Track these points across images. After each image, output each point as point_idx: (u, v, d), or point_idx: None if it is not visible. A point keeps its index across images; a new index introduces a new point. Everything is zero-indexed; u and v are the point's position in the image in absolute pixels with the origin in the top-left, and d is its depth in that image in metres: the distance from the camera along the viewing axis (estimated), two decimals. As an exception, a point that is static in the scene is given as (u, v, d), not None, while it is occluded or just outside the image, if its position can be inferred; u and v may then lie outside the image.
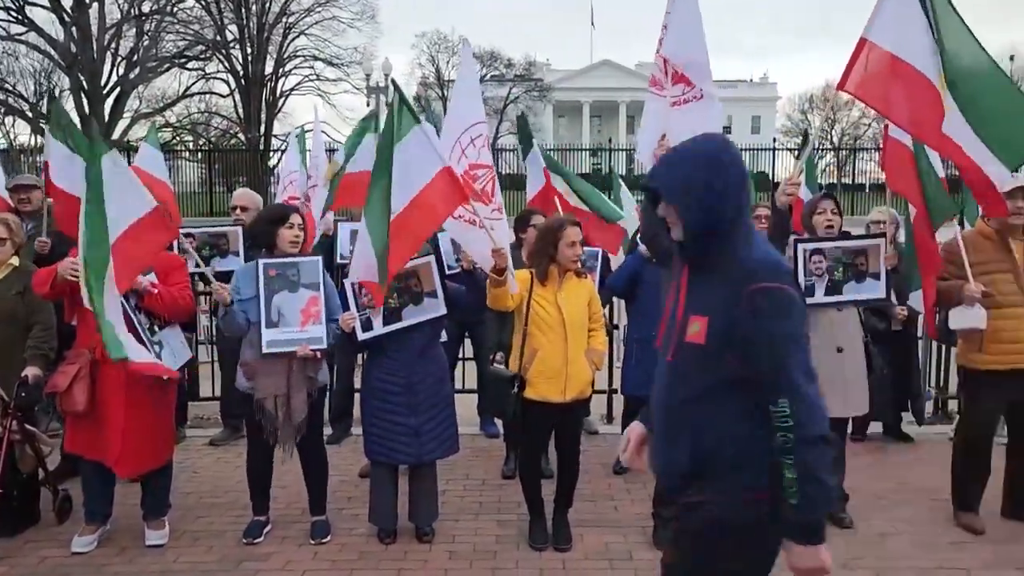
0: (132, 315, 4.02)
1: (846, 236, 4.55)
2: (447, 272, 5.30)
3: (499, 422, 5.75)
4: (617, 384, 5.97)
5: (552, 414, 4.12)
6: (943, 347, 6.52)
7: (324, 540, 4.31)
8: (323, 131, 7.68)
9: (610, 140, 35.43)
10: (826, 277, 4.35)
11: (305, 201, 5.97)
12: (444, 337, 5.61)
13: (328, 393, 5.11)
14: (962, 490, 4.57)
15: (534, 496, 4.31)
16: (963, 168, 3.97)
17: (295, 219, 4.20)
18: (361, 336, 4.12)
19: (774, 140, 33.66)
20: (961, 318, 4.30)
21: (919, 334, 6.28)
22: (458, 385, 6.39)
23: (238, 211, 5.89)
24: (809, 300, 4.32)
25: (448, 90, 39.31)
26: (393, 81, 4.28)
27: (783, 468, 2.05)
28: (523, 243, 5.02)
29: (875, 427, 6.14)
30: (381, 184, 3.91)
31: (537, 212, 5.30)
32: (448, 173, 3.93)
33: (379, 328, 4.14)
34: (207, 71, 36.11)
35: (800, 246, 4.36)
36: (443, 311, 4.24)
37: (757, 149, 33.39)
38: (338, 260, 5.69)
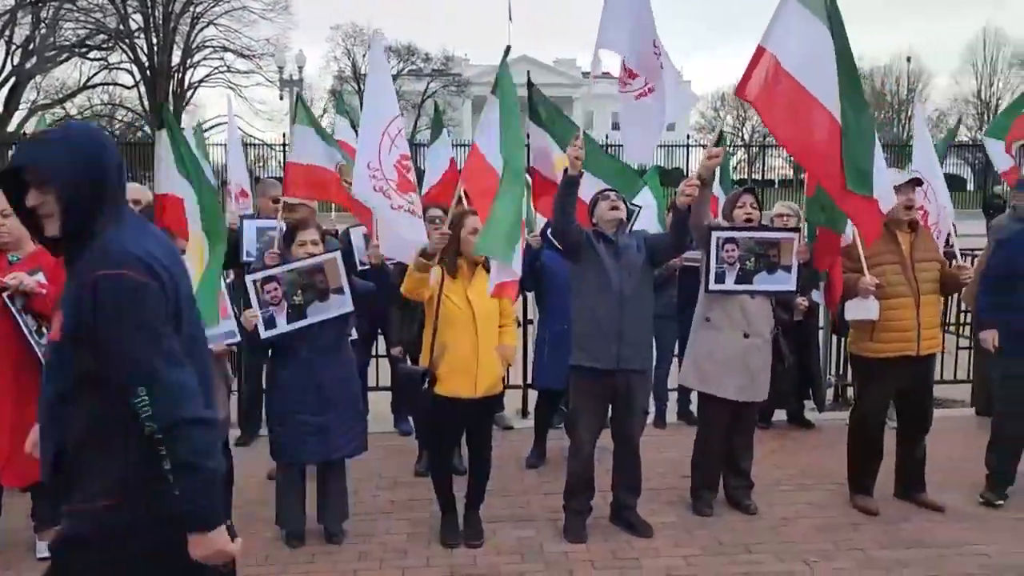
0: (19, 317, 3.81)
1: (762, 228, 4.67)
2: (358, 268, 5.23)
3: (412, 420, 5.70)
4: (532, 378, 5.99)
5: (463, 410, 4.11)
6: (842, 337, 6.78)
7: (229, 545, 4.19)
8: (237, 126, 7.55)
9: (528, 136, 35.60)
10: (737, 266, 4.46)
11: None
12: (355, 335, 5.57)
13: (235, 394, 4.98)
14: (857, 473, 4.76)
15: (445, 493, 4.29)
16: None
17: None
18: (264, 334, 4.01)
19: (688, 136, 34.43)
20: (856, 309, 4.47)
21: (820, 324, 6.51)
22: (371, 383, 6.35)
23: (130, 204, 5.68)
24: (718, 287, 4.44)
25: (364, 84, 38.76)
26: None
27: (160, 459, 1.93)
28: None
29: (780, 415, 6.33)
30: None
31: (438, 206, 5.28)
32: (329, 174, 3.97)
33: (283, 326, 4.04)
34: (110, 61, 34.71)
35: (714, 234, 4.45)
36: (350, 308, 4.17)
37: (672, 145, 34.10)
38: (244, 258, 5.53)
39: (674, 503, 4.77)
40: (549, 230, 4.72)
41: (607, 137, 32.85)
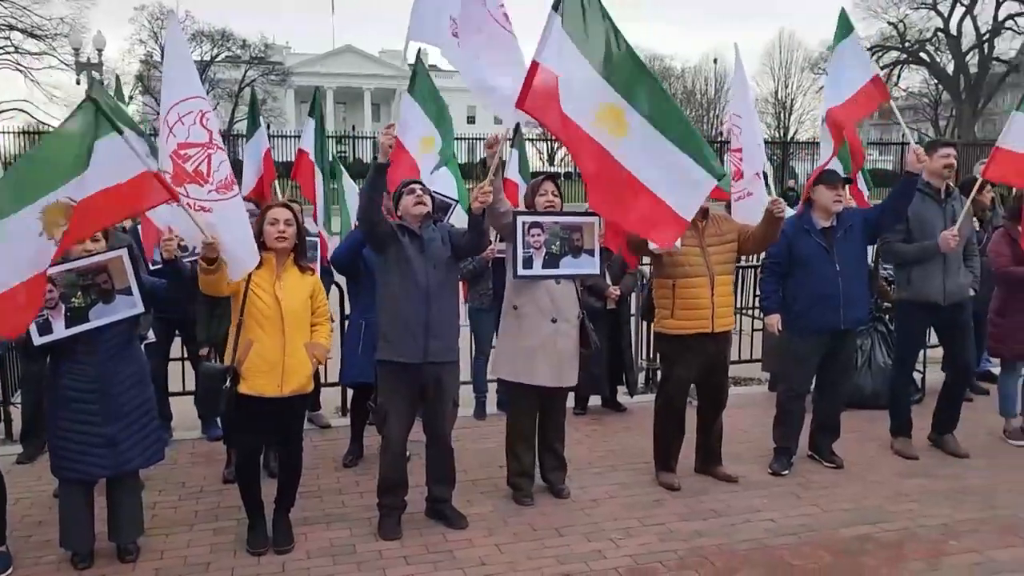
0: None
1: (565, 213, 4.77)
2: (152, 267, 4.88)
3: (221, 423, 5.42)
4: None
5: (269, 409, 3.93)
6: (651, 323, 7.12)
7: (4, 573, 3.80)
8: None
9: (353, 128, 34.96)
10: (543, 250, 4.54)
11: None
12: (152, 337, 5.21)
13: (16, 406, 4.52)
14: (661, 451, 5.01)
15: (252, 498, 4.10)
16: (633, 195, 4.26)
17: None
18: (37, 340, 3.65)
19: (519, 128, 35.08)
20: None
21: (631, 312, 6.80)
22: (176, 387, 5.98)
23: None
24: (527, 272, 4.50)
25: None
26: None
27: None
28: None
29: (595, 400, 6.55)
30: None
31: (251, 201, 5.04)
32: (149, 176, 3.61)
33: (60, 331, 3.69)
34: None
35: (519, 219, 4.51)
36: (139, 309, 3.89)
37: (476, 139, 34.55)
38: None
39: (490, 492, 4.82)
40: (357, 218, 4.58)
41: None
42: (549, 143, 43.21)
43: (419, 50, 6.12)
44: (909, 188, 4.89)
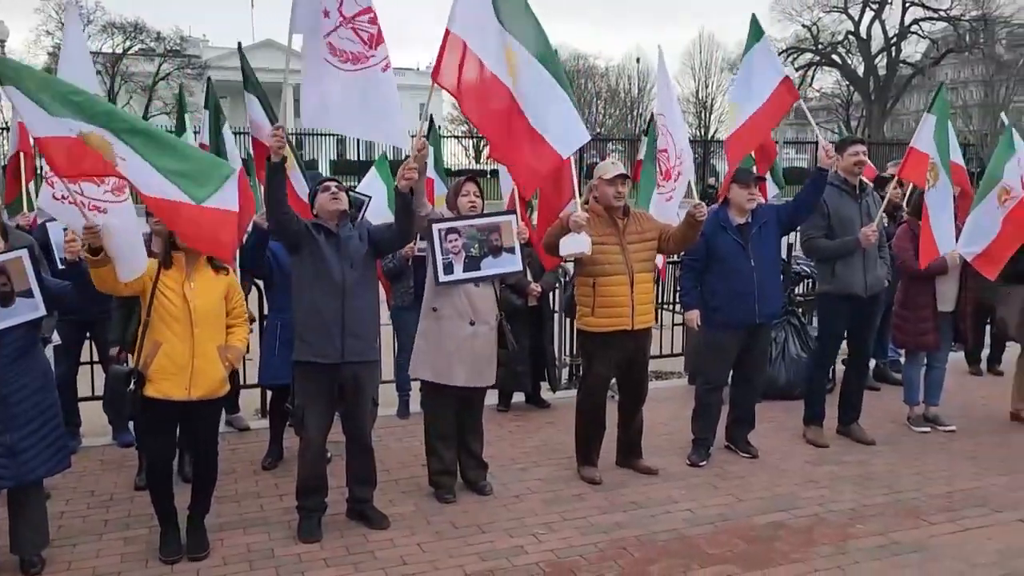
0: None
1: (482, 215, 4.77)
2: (58, 267, 4.69)
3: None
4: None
5: (178, 413, 3.82)
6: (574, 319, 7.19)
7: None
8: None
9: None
10: (463, 254, 4.53)
11: None
12: (57, 339, 5.01)
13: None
14: (583, 446, 5.07)
15: (164, 505, 3.98)
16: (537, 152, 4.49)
17: None
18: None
19: (440, 128, 34.94)
20: (569, 244, 4.64)
21: (554, 308, 6.85)
22: (85, 392, 5.76)
23: None
24: (448, 277, 4.49)
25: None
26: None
27: None
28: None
29: (518, 397, 6.58)
30: None
31: None
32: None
33: (-48, 335, 3.52)
34: None
35: (435, 226, 4.49)
36: (41, 312, 3.72)
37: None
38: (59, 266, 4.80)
39: (413, 492, 4.79)
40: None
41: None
42: (476, 139, 43.20)
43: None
44: (820, 182, 5.08)
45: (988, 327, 7.53)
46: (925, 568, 3.92)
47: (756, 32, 5.64)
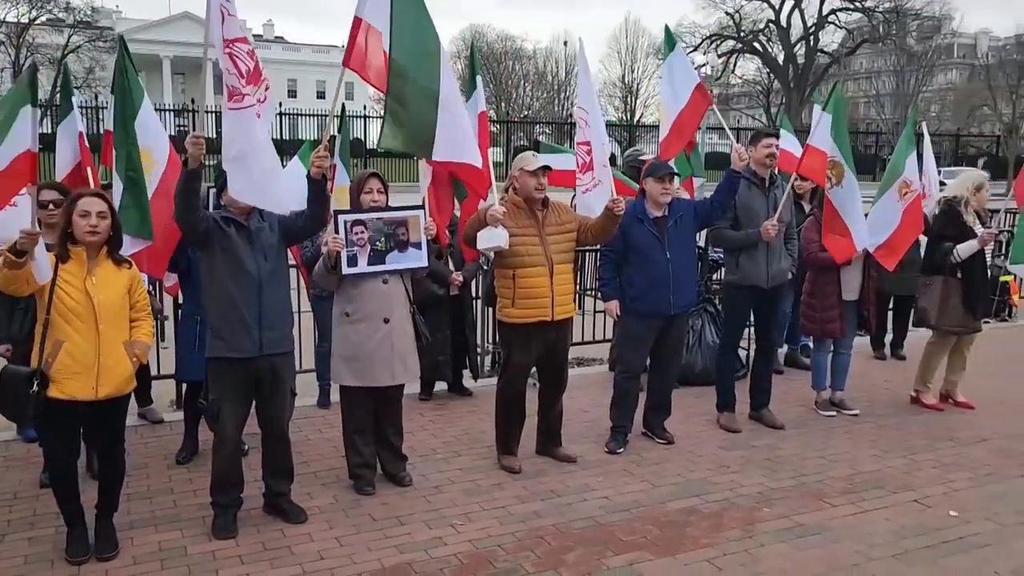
0: None
1: (388, 208, 4.73)
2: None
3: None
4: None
5: (84, 413, 3.71)
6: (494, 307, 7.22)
7: None
8: None
9: (193, 100, 33.11)
10: (368, 247, 4.50)
11: None
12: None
13: None
14: (503, 435, 5.11)
15: (69, 504, 3.85)
16: None
17: None
18: None
19: (364, 107, 34.43)
20: (487, 238, 4.69)
21: (475, 296, 6.87)
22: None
23: None
24: (352, 270, 4.45)
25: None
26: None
27: None
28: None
29: (440, 385, 6.59)
30: None
31: (53, 187, 4.73)
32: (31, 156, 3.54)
33: None
34: None
35: (341, 217, 4.45)
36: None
37: (351, 116, 34.01)
38: None
39: (332, 484, 4.77)
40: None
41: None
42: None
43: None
44: (733, 184, 5.22)
45: (890, 313, 7.91)
46: (827, 549, 4.10)
47: (670, 41, 5.98)
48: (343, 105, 4.93)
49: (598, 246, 5.58)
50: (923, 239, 6.54)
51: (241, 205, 4.07)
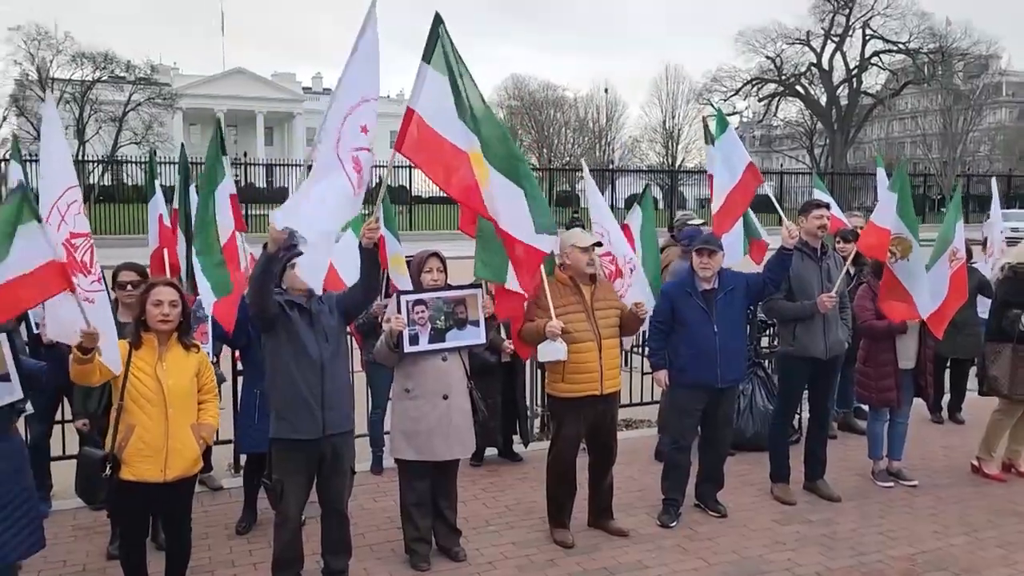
0: None
1: (447, 287, 4.86)
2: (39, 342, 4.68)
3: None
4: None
5: (152, 495, 3.84)
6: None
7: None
8: None
9: (246, 154, 34.15)
10: (429, 326, 4.61)
11: None
12: (30, 408, 4.99)
13: None
14: (555, 508, 5.13)
15: (137, 578, 3.99)
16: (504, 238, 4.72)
17: None
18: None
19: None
20: (546, 351, 4.82)
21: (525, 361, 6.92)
22: (56, 451, 5.71)
23: None
24: (414, 348, 4.56)
25: (50, 90, 34.43)
26: None
27: None
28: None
29: (491, 451, 6.63)
30: None
31: (133, 268, 4.95)
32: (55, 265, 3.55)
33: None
34: None
35: (402, 298, 4.58)
36: (19, 395, 3.74)
37: (397, 166, 34.68)
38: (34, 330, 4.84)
39: (387, 558, 4.82)
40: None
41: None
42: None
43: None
44: (785, 262, 5.28)
45: (948, 374, 7.77)
46: (888, 635, 4.03)
47: (722, 123, 6.13)
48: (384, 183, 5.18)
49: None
50: (984, 300, 6.47)
51: (299, 286, 4.20)
